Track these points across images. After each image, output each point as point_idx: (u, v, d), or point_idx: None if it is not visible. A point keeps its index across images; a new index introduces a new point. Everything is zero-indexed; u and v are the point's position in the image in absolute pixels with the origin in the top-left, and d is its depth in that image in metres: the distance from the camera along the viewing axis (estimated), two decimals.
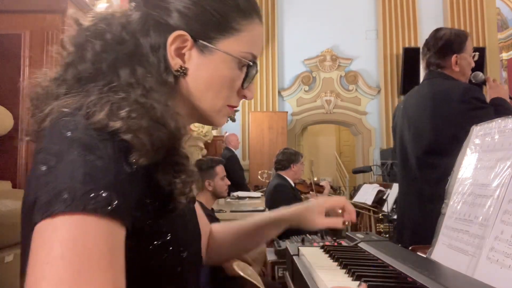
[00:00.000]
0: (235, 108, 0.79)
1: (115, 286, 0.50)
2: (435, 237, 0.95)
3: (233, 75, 0.74)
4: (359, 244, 1.16)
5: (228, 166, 5.60)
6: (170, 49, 0.69)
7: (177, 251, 0.68)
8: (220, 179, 2.79)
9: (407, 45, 7.80)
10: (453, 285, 0.73)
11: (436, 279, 0.74)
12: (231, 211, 3.44)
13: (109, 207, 0.51)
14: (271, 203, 3.67)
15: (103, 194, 0.52)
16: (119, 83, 0.64)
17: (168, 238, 0.66)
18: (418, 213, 1.93)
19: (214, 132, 6.12)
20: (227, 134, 6.70)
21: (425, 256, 0.97)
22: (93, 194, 0.51)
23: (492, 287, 0.69)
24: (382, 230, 3.85)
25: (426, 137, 1.95)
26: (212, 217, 2.72)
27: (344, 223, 1.02)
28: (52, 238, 0.49)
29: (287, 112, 7.86)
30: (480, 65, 7.79)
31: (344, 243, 1.25)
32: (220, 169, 2.81)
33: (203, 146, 4.92)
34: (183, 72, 0.70)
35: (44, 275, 0.46)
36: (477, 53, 2.09)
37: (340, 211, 1.06)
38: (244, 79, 0.76)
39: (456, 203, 0.92)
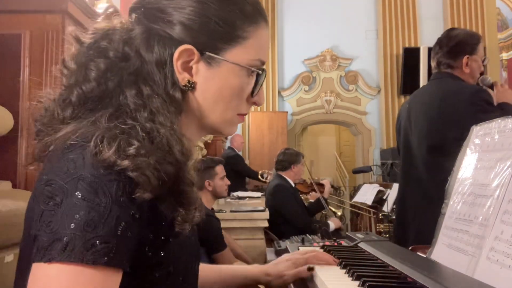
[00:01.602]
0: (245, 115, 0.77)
1: None
2: (435, 237, 0.95)
3: (242, 84, 0.71)
4: (359, 244, 1.16)
5: (236, 164, 5.61)
6: (177, 64, 0.66)
7: (176, 280, 0.67)
8: (220, 179, 2.79)
9: (407, 45, 7.79)
10: (453, 285, 0.73)
11: (436, 279, 0.74)
12: (231, 211, 3.44)
13: (106, 258, 0.51)
14: (271, 204, 3.67)
15: (103, 244, 0.51)
16: (127, 108, 0.62)
17: (169, 270, 0.65)
18: (423, 214, 1.90)
19: None
20: (233, 134, 6.69)
21: (425, 256, 0.97)
22: (92, 244, 0.51)
23: (492, 287, 0.69)
24: (382, 230, 3.85)
25: (431, 137, 1.93)
26: (212, 217, 2.72)
27: (309, 269, 0.97)
28: (46, 287, 0.49)
29: (287, 112, 7.85)
30: None
31: (344, 243, 1.25)
32: (220, 169, 2.81)
33: (203, 146, 4.92)
34: (191, 86, 0.68)
35: None
36: (488, 58, 2.07)
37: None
38: (254, 87, 0.73)
39: (456, 203, 0.92)
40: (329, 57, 8.02)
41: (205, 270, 0.97)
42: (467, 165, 0.95)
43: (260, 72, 0.72)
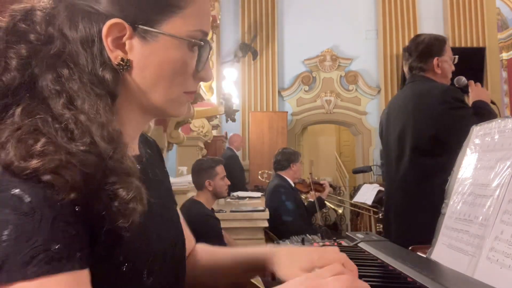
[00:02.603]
0: (193, 94, 0.70)
1: None
2: (435, 237, 0.95)
3: (185, 58, 0.64)
4: (359, 244, 1.16)
5: (228, 165, 5.59)
6: (107, 41, 0.59)
7: (138, 278, 0.62)
8: (220, 179, 2.79)
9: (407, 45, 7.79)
10: (453, 285, 0.73)
11: (436, 279, 0.74)
12: (231, 211, 3.44)
13: (52, 265, 0.47)
14: (271, 204, 3.67)
15: (43, 253, 0.47)
16: (40, 96, 0.56)
17: (124, 268, 0.59)
18: (404, 214, 2.01)
19: (214, 132, 6.11)
20: (231, 134, 6.69)
21: (425, 256, 0.97)
22: (31, 256, 0.46)
23: (492, 287, 0.69)
24: (382, 230, 3.85)
25: (408, 138, 2.01)
26: (212, 217, 2.72)
27: None
28: None
29: (287, 112, 7.85)
30: (480, 65, 7.80)
31: (344, 243, 1.24)
32: (220, 169, 2.81)
33: (203, 146, 4.92)
34: (126, 64, 0.61)
35: None
36: (456, 56, 2.16)
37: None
38: (198, 61, 0.66)
39: (456, 203, 0.92)
40: (329, 57, 8.02)
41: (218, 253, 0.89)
42: (467, 165, 0.95)
43: (203, 43, 0.65)
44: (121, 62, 0.60)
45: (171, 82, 0.64)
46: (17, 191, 0.49)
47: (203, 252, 0.92)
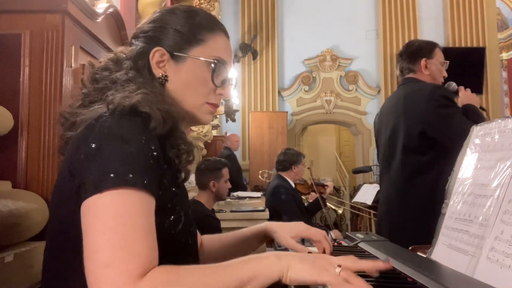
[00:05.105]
0: (216, 107, 0.96)
1: (153, 248, 0.66)
2: (435, 237, 0.95)
3: (205, 74, 0.91)
4: (359, 244, 1.16)
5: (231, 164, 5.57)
6: (152, 63, 0.90)
7: (188, 225, 0.85)
8: (224, 181, 2.78)
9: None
10: (453, 285, 0.73)
11: (436, 279, 0.74)
12: (231, 211, 3.44)
13: (145, 181, 0.68)
14: (271, 204, 3.67)
15: (138, 175, 0.68)
16: (123, 85, 0.84)
17: (181, 214, 0.82)
18: (395, 213, 2.06)
19: (214, 132, 6.12)
20: (228, 134, 6.69)
21: (425, 256, 0.97)
22: (131, 175, 0.67)
23: (492, 287, 0.69)
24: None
25: (399, 137, 2.05)
26: (212, 218, 2.72)
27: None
28: (105, 213, 0.65)
29: (287, 112, 7.85)
30: (480, 65, 7.80)
31: (344, 243, 1.24)
32: (225, 172, 2.80)
33: (203, 146, 4.92)
34: (165, 78, 0.90)
35: (102, 243, 0.63)
36: (447, 62, 2.20)
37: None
38: (213, 77, 0.91)
39: (456, 203, 0.92)
40: (329, 57, 8.02)
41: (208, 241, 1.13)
42: (467, 165, 0.95)
43: (216, 62, 0.91)
44: (161, 77, 0.90)
45: (195, 93, 0.92)
46: (124, 131, 0.72)
47: (209, 241, 1.15)
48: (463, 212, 0.88)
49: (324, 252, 1.02)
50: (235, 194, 4.65)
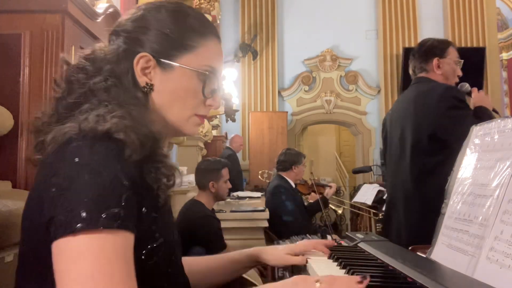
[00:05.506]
0: (204, 118, 0.89)
1: None
2: (435, 237, 0.95)
3: (195, 86, 0.83)
4: (359, 244, 1.16)
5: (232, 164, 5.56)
6: (137, 69, 0.81)
7: (167, 253, 0.78)
8: (224, 182, 2.78)
9: (407, 45, 7.78)
10: (453, 285, 0.73)
11: (436, 279, 0.74)
12: (231, 211, 3.44)
13: (119, 221, 0.62)
14: (271, 204, 3.67)
15: (114, 211, 0.62)
16: (100, 102, 0.75)
17: (160, 241, 0.75)
18: (403, 213, 2.03)
19: (214, 132, 6.11)
20: (233, 135, 6.68)
21: (425, 256, 0.97)
22: (104, 216, 0.61)
23: (492, 287, 0.69)
24: (382, 230, 3.84)
25: (409, 138, 2.03)
26: (212, 218, 2.72)
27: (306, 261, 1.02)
28: (80, 260, 0.59)
29: (287, 112, 7.85)
30: (480, 65, 7.80)
31: (344, 243, 1.24)
32: (225, 172, 2.79)
33: (203, 146, 4.91)
34: (150, 88, 0.81)
35: None
36: (462, 61, 2.15)
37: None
38: (203, 88, 0.84)
39: (456, 203, 0.93)
40: (329, 57, 8.02)
41: (191, 263, 1.03)
42: (467, 165, 0.95)
43: (208, 73, 0.84)
44: (146, 85, 0.81)
45: (184, 105, 0.84)
46: (97, 163, 0.65)
47: (193, 260, 1.06)
48: (463, 212, 0.88)
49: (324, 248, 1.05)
50: (235, 194, 4.65)
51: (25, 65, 1.44)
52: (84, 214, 0.60)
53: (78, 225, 0.59)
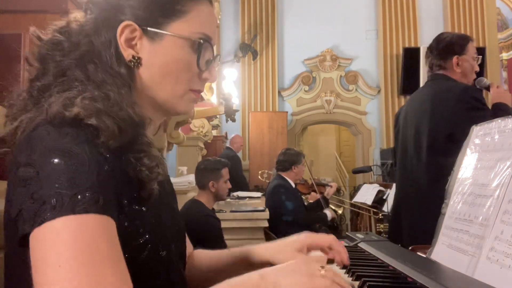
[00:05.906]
0: (200, 93, 0.78)
1: (123, 275, 0.54)
2: (435, 237, 0.95)
3: (188, 57, 0.73)
4: (359, 244, 1.16)
5: (231, 165, 5.56)
6: (120, 41, 0.70)
7: (155, 250, 0.69)
8: (224, 182, 2.78)
9: (407, 45, 7.79)
10: (453, 285, 0.73)
11: (436, 279, 0.74)
12: (231, 211, 3.44)
13: (97, 205, 0.54)
14: (271, 204, 3.67)
15: (89, 195, 0.54)
16: (72, 83, 0.66)
17: (146, 238, 0.66)
18: (416, 213, 1.95)
19: (214, 132, 6.11)
20: (233, 135, 6.67)
21: (425, 256, 0.97)
22: (79, 196, 0.54)
23: (492, 287, 0.69)
24: (382, 230, 3.85)
25: (424, 137, 1.97)
26: (212, 217, 2.72)
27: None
28: (56, 242, 0.51)
29: (287, 112, 7.85)
30: (480, 65, 7.77)
31: (344, 243, 1.24)
32: (225, 172, 2.80)
33: (203, 146, 4.91)
34: (137, 62, 0.71)
35: (60, 277, 0.50)
36: (480, 57, 2.09)
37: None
38: (198, 59, 0.73)
39: (456, 203, 0.92)
40: (329, 57, 8.02)
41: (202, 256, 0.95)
42: (467, 165, 0.95)
43: (202, 42, 0.73)
44: (132, 59, 0.70)
45: (177, 79, 0.73)
46: (65, 144, 0.57)
47: (202, 255, 0.97)
48: (463, 212, 0.88)
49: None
50: (235, 194, 4.65)
51: (25, 65, 1.44)
52: (53, 202, 0.52)
53: (46, 215, 0.52)
